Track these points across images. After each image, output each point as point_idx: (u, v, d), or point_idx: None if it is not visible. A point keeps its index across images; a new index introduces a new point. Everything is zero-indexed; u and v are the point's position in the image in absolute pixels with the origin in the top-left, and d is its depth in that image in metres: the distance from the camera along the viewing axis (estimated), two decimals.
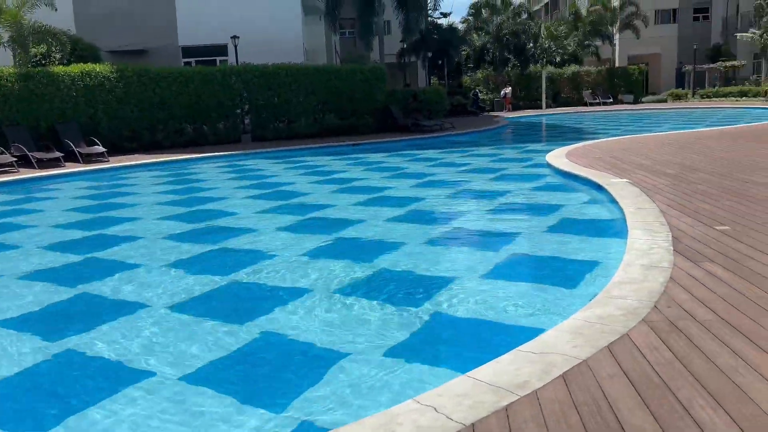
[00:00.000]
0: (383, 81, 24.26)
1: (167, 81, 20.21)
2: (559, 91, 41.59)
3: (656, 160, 11.61)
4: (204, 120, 21.12)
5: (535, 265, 6.12)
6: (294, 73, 22.29)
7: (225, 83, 21.19)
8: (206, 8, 25.02)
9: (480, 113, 36.79)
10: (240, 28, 24.43)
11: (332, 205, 9.77)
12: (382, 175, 13.18)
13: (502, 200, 9.52)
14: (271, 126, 22.27)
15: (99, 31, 24.29)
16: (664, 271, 4.89)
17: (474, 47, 44.73)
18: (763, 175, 9.37)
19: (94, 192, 12.62)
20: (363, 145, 20.04)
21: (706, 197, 7.81)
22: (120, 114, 19.23)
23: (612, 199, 8.29)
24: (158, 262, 6.65)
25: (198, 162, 17.27)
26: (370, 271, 6.00)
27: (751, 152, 12.32)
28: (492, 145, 19.36)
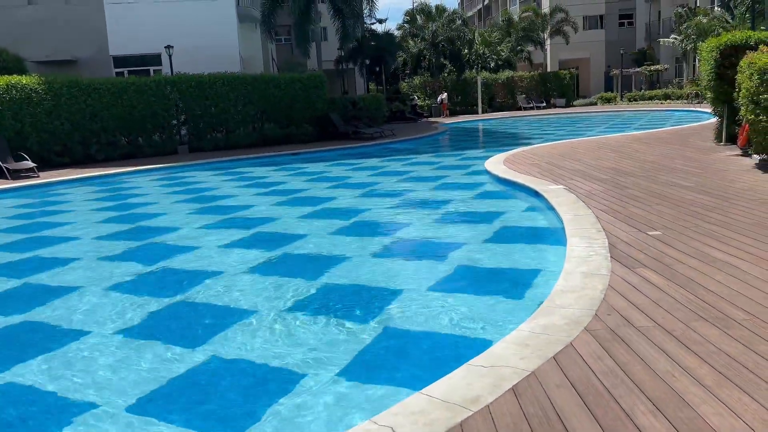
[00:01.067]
0: (323, 89, 24.25)
1: (99, 92, 19.61)
2: (494, 96, 42.54)
3: (590, 165, 12.05)
4: (139, 132, 20.60)
5: (480, 276, 6.26)
6: (231, 82, 22.02)
7: (160, 94, 20.73)
8: (138, 16, 24.39)
9: (418, 119, 37.23)
10: (174, 37, 23.93)
11: (274, 218, 9.71)
12: (324, 185, 13.17)
13: (444, 209, 9.68)
14: (209, 136, 21.92)
15: (24, 41, 23.30)
16: (603, 279, 5.10)
17: (410, 53, 45.24)
18: (686, 177, 9.86)
19: (25, 210, 12.10)
20: (303, 155, 19.97)
21: (638, 202, 8.17)
22: (49, 128, 18.50)
23: (550, 206, 8.55)
24: (97, 285, 6.45)
25: (133, 175, 16.81)
26: (315, 288, 6.01)
27: (675, 155, 12.95)
28: (432, 153, 19.63)
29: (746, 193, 8.29)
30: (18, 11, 23.92)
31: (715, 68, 13.00)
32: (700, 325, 4.03)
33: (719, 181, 9.39)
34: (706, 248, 5.81)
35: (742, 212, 7.19)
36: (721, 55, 12.84)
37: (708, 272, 5.11)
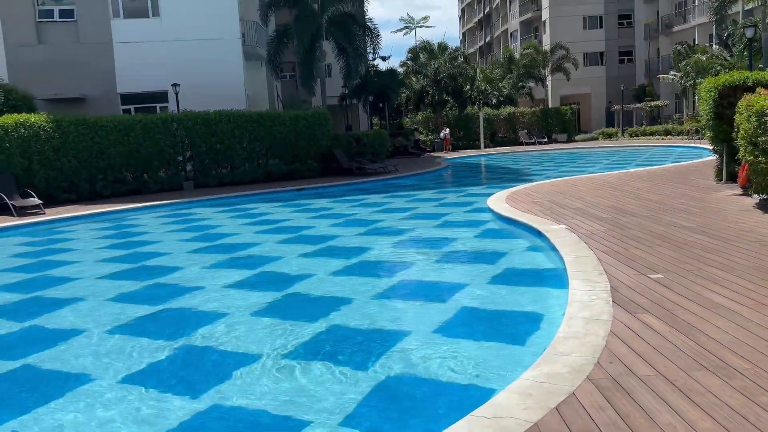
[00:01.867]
0: (327, 126, 24.55)
1: (106, 130, 19.90)
2: (496, 131, 42.95)
3: (591, 204, 12.13)
4: (145, 168, 20.83)
5: (483, 319, 6.28)
6: (236, 119, 22.33)
7: (166, 131, 21.01)
8: (146, 55, 24.85)
9: (421, 154, 37.55)
10: (181, 75, 24.37)
11: (278, 257, 9.77)
12: (327, 222, 13.26)
13: (446, 249, 9.74)
14: (214, 172, 22.14)
15: (34, 80, 23.73)
16: (605, 324, 5.13)
17: (413, 90, 45.85)
18: (687, 217, 9.93)
19: (30, 249, 12.20)
20: (307, 191, 20.12)
21: (639, 243, 8.22)
22: (57, 165, 18.74)
23: (552, 247, 8.61)
24: (101, 328, 6.49)
25: (139, 212, 16.94)
26: (317, 331, 6.03)
27: (676, 193, 13.03)
28: (434, 189, 19.77)
29: (747, 235, 8.34)
30: (29, 50, 24.41)
31: (713, 108, 13.17)
32: (702, 375, 4.05)
33: (720, 221, 9.45)
34: (707, 292, 5.85)
35: (743, 255, 7.23)
36: (720, 95, 13.01)
37: (709, 318, 5.13)
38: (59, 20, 24.92)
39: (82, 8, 24.75)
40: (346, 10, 28.45)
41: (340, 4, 28.30)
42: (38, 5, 24.77)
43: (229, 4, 25.55)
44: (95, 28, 24.75)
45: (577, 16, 52.51)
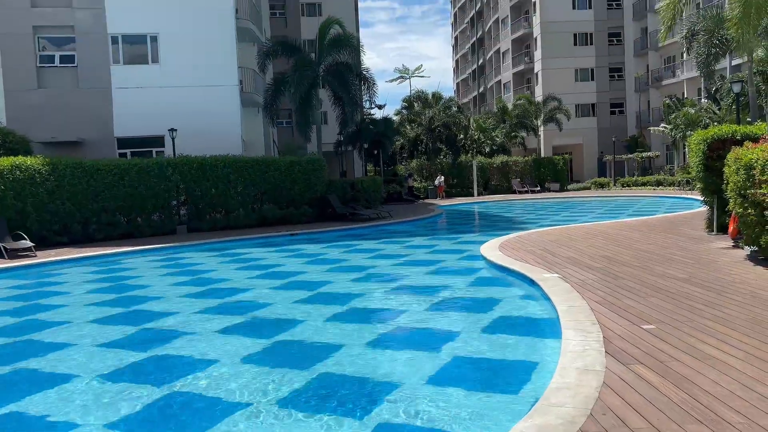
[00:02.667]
0: (321, 172, 24.74)
1: (101, 173, 19.99)
2: (489, 179, 43.31)
3: (584, 253, 12.18)
4: (139, 212, 20.83)
5: (475, 369, 6.23)
6: (232, 164, 22.49)
7: (161, 175, 21.11)
8: (144, 100, 25.16)
9: (415, 201, 37.77)
10: (178, 121, 24.66)
11: (270, 303, 9.71)
12: (320, 268, 13.23)
13: (439, 296, 9.71)
14: (208, 217, 22.15)
15: (31, 123, 23.95)
16: (598, 375, 5.10)
17: (408, 138, 46.41)
18: (678, 268, 9.97)
19: (19, 292, 12.08)
20: (301, 236, 20.13)
21: (631, 293, 8.23)
22: (50, 208, 18.73)
23: (545, 296, 8.61)
24: (90, 374, 6.39)
25: (132, 256, 16.86)
26: (307, 379, 5.96)
27: (668, 244, 13.11)
28: (428, 235, 19.82)
29: (739, 287, 8.37)
30: (29, 94, 24.70)
31: (703, 160, 13.38)
32: (696, 428, 4.01)
33: (712, 273, 9.49)
34: (700, 344, 5.84)
35: (736, 307, 7.24)
36: (709, 148, 13.24)
37: (702, 370, 5.11)
38: (60, 65, 25.30)
39: (82, 54, 25.17)
40: (342, 60, 28.99)
41: (337, 53, 28.86)
42: (39, 51, 25.17)
43: (227, 52, 26.04)
44: (95, 74, 25.12)
45: (569, 68, 53.71)
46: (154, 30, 25.44)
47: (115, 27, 25.25)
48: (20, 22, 24.61)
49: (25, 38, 24.71)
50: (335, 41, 28.68)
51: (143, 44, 25.66)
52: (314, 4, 49.67)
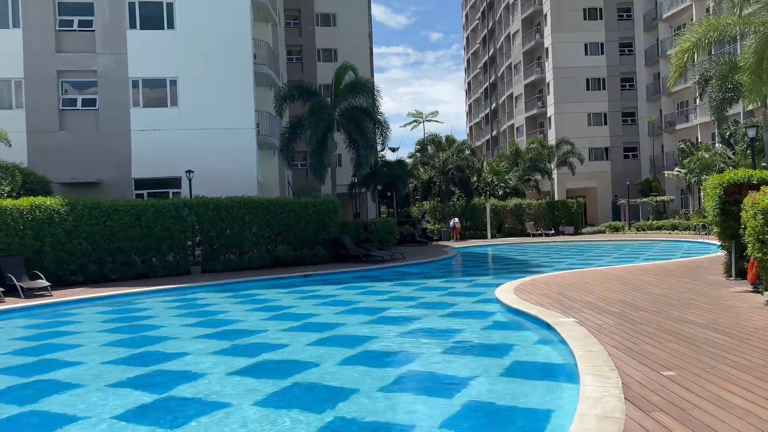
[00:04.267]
0: (336, 213, 24.86)
1: (119, 213, 20.21)
2: (503, 222, 43.27)
3: (600, 297, 12.05)
4: (154, 252, 20.96)
5: (491, 415, 6.12)
6: (247, 205, 22.67)
7: (177, 216, 21.30)
8: (162, 142, 25.62)
9: (429, 243, 37.73)
10: (195, 162, 25.03)
11: (283, 345, 9.65)
12: (334, 310, 13.17)
13: (454, 340, 9.61)
14: (222, 257, 22.23)
15: (52, 164, 24.43)
16: (618, 423, 4.98)
17: (421, 180, 46.67)
18: (697, 313, 9.82)
19: (34, 331, 12.12)
20: (315, 277, 20.10)
21: (650, 338, 8.10)
22: (68, 247, 18.91)
23: (562, 340, 8.49)
24: (103, 414, 6.35)
25: (146, 296, 16.90)
26: (320, 424, 5.88)
27: (685, 289, 12.94)
28: (442, 278, 19.72)
29: (760, 333, 8.21)
30: (50, 136, 25.27)
31: (719, 204, 13.30)
32: None
33: (732, 318, 9.33)
34: (722, 392, 5.71)
35: (758, 354, 7.09)
36: (725, 193, 13.18)
37: (725, 419, 4.99)
38: (81, 108, 25.91)
39: (104, 97, 25.79)
40: (357, 104, 29.45)
41: (353, 98, 29.34)
42: (62, 94, 25.85)
43: (245, 96, 26.57)
44: (115, 116, 25.69)
45: (582, 113, 54.06)
46: (173, 74, 26.07)
47: (136, 71, 25.92)
48: (45, 66, 25.38)
49: (49, 82, 25.44)
50: (350, 86, 29.21)
51: (163, 88, 26.27)
52: (330, 50, 50.74)
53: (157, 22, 26.16)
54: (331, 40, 50.90)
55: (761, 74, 16.31)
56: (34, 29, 25.36)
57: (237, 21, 26.53)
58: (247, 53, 26.70)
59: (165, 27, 26.17)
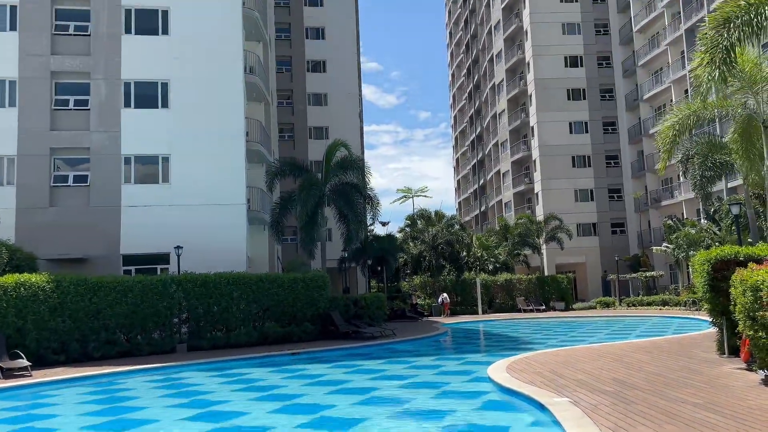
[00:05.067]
0: (325, 289, 24.65)
1: (105, 290, 19.94)
2: (493, 297, 43.06)
3: (593, 375, 11.85)
4: (139, 329, 20.57)
5: None
6: (235, 281, 22.46)
7: (165, 292, 21.04)
8: (152, 218, 25.63)
9: (419, 318, 37.32)
10: (184, 238, 24.96)
11: (268, 427, 9.35)
12: (322, 390, 12.83)
13: (446, 422, 9.35)
14: (209, 335, 21.82)
15: (40, 240, 24.23)
16: None
17: (411, 255, 46.68)
18: (693, 393, 9.65)
19: (12, 414, 11.67)
20: (303, 355, 19.69)
21: (646, 419, 7.92)
22: (50, 325, 18.49)
23: (555, 421, 8.28)
24: None
25: (129, 376, 16.43)
26: None
27: (679, 367, 12.78)
28: (433, 355, 19.39)
29: (756, 413, 8.06)
30: (40, 212, 25.23)
31: (708, 281, 13.34)
32: None
33: (728, 398, 9.18)
34: None
35: None
36: (713, 269, 13.24)
37: None
38: (73, 184, 26.03)
39: (95, 174, 25.96)
40: (348, 180, 29.83)
41: (343, 174, 29.75)
42: (54, 171, 26.01)
43: (237, 173, 26.86)
44: (106, 193, 25.77)
45: (569, 189, 54.95)
46: (166, 151, 26.40)
47: (129, 148, 26.24)
48: (39, 144, 25.64)
49: (42, 159, 25.64)
50: (341, 162, 29.68)
51: (155, 164, 26.53)
52: (321, 128, 51.93)
53: (151, 100, 26.73)
54: (323, 118, 52.18)
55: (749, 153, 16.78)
56: (31, 109, 25.78)
57: (230, 100, 27.18)
58: (239, 131, 27.20)
59: (159, 106, 26.71)
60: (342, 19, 54.39)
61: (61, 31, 26.71)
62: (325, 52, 53.63)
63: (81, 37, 26.75)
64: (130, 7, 26.96)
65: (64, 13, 26.87)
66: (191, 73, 26.89)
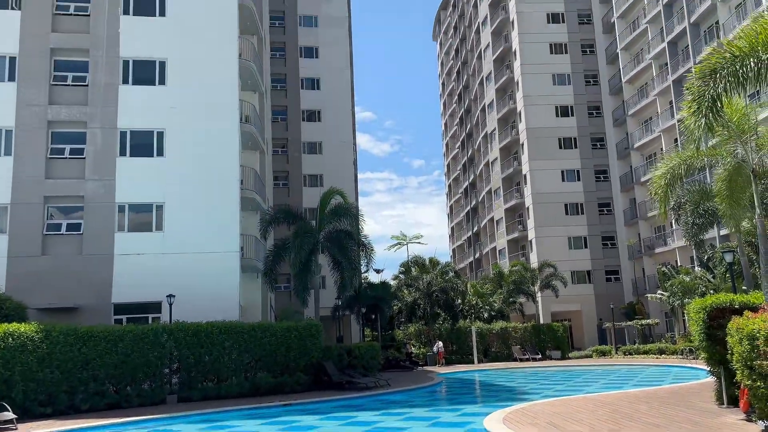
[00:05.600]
0: (318, 338, 24.35)
1: (95, 340, 19.64)
2: (489, 345, 42.60)
3: (592, 427, 11.64)
4: (129, 380, 20.18)
5: None
6: (227, 330, 22.18)
7: (156, 342, 20.74)
8: (144, 266, 25.40)
9: (414, 367, 36.79)
10: (176, 286, 24.73)
11: None
12: None
13: None
14: (200, 385, 21.41)
15: (30, 289, 23.91)
16: None
17: (405, 302, 46.36)
18: None
19: None
20: (295, 406, 19.30)
21: None
22: (38, 376, 18.13)
23: None
24: None
25: (117, 428, 16.04)
26: None
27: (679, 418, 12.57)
28: (428, 406, 19.05)
29: None
30: (31, 261, 24.97)
31: (704, 329, 13.27)
32: None
33: None
34: None
35: None
36: (709, 317, 13.19)
37: None
38: (65, 233, 25.88)
39: (89, 222, 25.81)
40: (342, 227, 29.83)
41: (337, 221, 29.77)
42: (48, 219, 25.90)
43: (230, 220, 26.80)
44: (99, 241, 25.59)
45: (562, 236, 55.05)
46: (160, 199, 26.40)
47: (123, 196, 26.20)
48: (33, 193, 25.53)
49: (35, 208, 25.47)
50: (336, 210, 29.74)
51: (149, 212, 26.47)
52: (316, 175, 52.34)
53: (147, 149, 26.87)
54: (317, 166, 52.64)
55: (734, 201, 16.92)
56: (26, 157, 25.76)
57: (226, 149, 27.34)
58: (234, 180, 27.29)
59: (155, 154, 26.83)
60: (337, 70, 55.45)
61: (60, 81, 26.98)
62: (320, 102, 54.50)
63: (79, 87, 27.04)
64: (129, 58, 27.36)
65: (63, 64, 27.22)
66: (187, 122, 27.13)
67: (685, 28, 45.25)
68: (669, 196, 18.06)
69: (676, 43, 47.47)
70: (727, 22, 40.32)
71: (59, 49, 27.09)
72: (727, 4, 40.88)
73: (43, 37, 26.82)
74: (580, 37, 59.13)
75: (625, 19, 55.95)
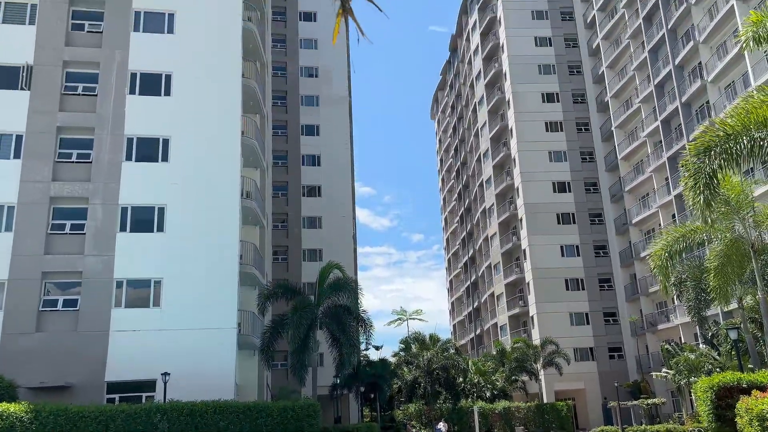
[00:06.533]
0: (316, 418, 23.57)
1: (86, 420, 19.08)
2: (491, 426, 41.37)
3: None
4: None
5: None
6: (223, 410, 21.55)
7: (148, 422, 20.11)
8: (140, 343, 24.98)
9: None
10: (172, 364, 24.23)
11: None
12: None
13: None
14: None
15: (22, 366, 23.40)
16: None
17: (405, 381, 45.38)
18: None
19: None
20: None
21: None
22: None
23: None
24: None
25: None
26: None
27: None
28: None
29: None
30: (25, 338, 24.54)
31: (713, 410, 12.92)
32: None
33: None
34: None
35: None
36: (717, 397, 12.88)
37: None
38: (62, 309, 25.58)
39: (86, 298, 25.55)
40: (341, 302, 29.55)
41: (336, 296, 29.53)
42: (44, 295, 25.65)
43: (229, 297, 26.57)
44: (95, 317, 25.25)
45: (564, 312, 54.39)
46: (158, 275, 26.26)
47: (122, 272, 26.08)
48: (31, 268, 25.39)
49: (32, 283, 25.30)
50: (335, 285, 29.56)
51: (147, 288, 26.28)
52: (315, 250, 52.39)
53: (147, 225, 26.97)
54: (317, 241, 52.80)
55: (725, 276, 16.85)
56: (26, 233, 25.78)
57: (226, 225, 27.46)
58: (233, 256, 27.25)
59: (155, 230, 26.92)
60: (337, 147, 56.57)
61: (64, 158, 27.39)
62: (320, 178, 55.30)
63: (82, 164, 27.41)
64: (133, 135, 27.91)
65: (68, 142, 27.71)
66: (188, 198, 27.38)
67: (677, 107, 46.41)
68: (669, 271, 18.00)
69: (669, 122, 48.57)
70: (718, 101, 41.45)
71: (65, 127, 27.67)
72: (717, 84, 42.15)
73: (50, 115, 27.44)
74: (575, 115, 60.56)
75: (619, 98, 57.47)
